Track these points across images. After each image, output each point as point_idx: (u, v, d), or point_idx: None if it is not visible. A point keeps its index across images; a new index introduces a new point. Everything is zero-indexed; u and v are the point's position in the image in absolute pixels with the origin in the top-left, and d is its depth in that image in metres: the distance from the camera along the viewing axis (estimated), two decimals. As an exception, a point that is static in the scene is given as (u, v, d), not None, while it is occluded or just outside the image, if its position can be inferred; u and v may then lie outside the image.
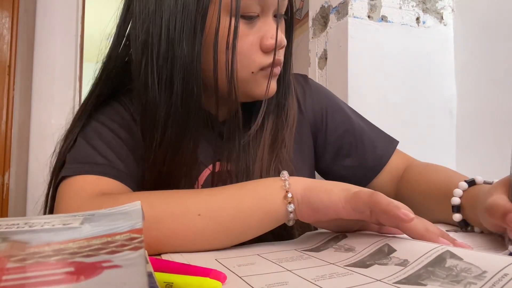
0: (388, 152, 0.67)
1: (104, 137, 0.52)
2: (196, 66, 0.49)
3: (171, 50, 0.48)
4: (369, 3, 1.25)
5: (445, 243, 0.35)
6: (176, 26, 0.48)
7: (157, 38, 0.48)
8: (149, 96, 0.49)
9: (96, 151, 0.51)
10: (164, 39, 0.48)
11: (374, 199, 0.37)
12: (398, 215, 0.35)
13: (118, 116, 0.55)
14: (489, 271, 0.26)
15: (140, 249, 0.19)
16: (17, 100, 1.37)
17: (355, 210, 0.39)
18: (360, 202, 0.38)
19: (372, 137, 0.68)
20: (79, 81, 1.60)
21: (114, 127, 0.54)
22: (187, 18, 0.48)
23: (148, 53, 0.49)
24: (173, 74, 0.49)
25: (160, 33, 0.48)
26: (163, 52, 0.48)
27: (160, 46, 0.48)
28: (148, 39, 0.49)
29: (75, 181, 0.48)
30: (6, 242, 0.20)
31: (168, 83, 0.49)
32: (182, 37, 0.48)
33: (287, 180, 0.44)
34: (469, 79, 1.32)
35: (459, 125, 1.35)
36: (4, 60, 1.33)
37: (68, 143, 0.54)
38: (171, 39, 0.48)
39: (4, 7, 1.34)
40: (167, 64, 0.49)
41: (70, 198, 0.46)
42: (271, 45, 0.51)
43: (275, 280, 0.31)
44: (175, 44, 0.48)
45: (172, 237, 0.41)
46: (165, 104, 0.49)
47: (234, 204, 0.43)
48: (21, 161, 1.45)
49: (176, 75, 0.49)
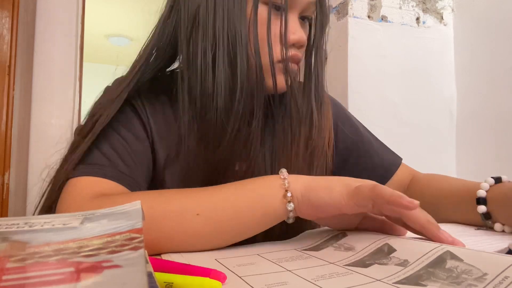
0: (395, 164, 0.69)
1: (109, 138, 0.53)
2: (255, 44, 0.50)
3: (228, 26, 0.50)
4: (369, 3, 1.25)
5: (444, 235, 0.35)
6: (230, 4, 0.50)
7: (211, 16, 0.50)
8: (207, 78, 0.50)
9: (100, 152, 0.51)
10: (219, 18, 0.50)
11: (376, 191, 0.37)
12: (402, 203, 0.35)
13: (127, 122, 0.55)
14: (490, 273, 0.26)
15: (140, 249, 0.19)
16: (17, 100, 1.37)
17: (358, 205, 0.39)
18: (363, 197, 0.38)
19: (379, 150, 0.70)
20: (79, 81, 1.60)
21: (120, 130, 0.54)
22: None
23: (204, 33, 0.50)
24: (236, 49, 0.50)
25: (214, 11, 0.50)
26: (220, 31, 0.50)
27: (215, 25, 0.50)
28: (200, 16, 0.50)
29: (77, 182, 0.48)
30: (6, 242, 0.20)
31: (232, 59, 0.50)
32: (239, 14, 0.50)
33: (286, 178, 0.44)
34: (469, 79, 1.32)
35: (459, 125, 1.35)
36: (4, 60, 1.33)
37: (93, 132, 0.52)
38: (228, 16, 0.50)
39: (4, 7, 1.34)
40: (228, 42, 0.50)
41: (71, 198, 0.46)
42: (291, 40, 0.52)
43: (275, 280, 0.31)
44: (233, 21, 0.50)
45: (172, 237, 0.41)
46: (229, 88, 0.50)
47: (233, 203, 0.43)
48: (21, 161, 1.45)
49: (239, 50, 0.50)
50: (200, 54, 0.51)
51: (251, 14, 0.51)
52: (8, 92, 1.34)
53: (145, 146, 0.55)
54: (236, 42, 0.50)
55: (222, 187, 0.45)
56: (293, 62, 0.54)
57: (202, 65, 0.51)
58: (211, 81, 0.50)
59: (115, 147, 0.52)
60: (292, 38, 0.53)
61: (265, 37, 0.51)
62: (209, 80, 0.50)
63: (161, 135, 0.56)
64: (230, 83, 0.50)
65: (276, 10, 0.52)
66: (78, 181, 0.48)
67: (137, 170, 0.52)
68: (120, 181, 0.49)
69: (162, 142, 0.56)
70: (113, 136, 0.53)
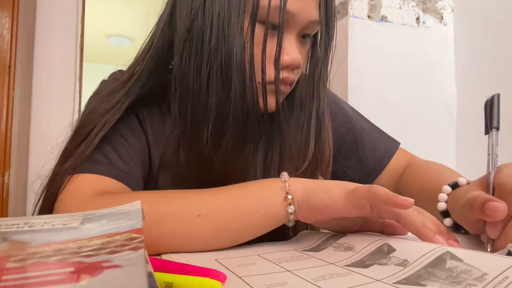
0: (389, 153, 0.68)
1: (107, 135, 0.52)
2: (250, 64, 0.47)
3: (223, 44, 0.47)
4: (369, 3, 1.25)
5: (439, 241, 0.35)
6: (226, 21, 0.47)
7: (207, 31, 0.47)
8: (200, 98, 0.48)
9: (98, 149, 0.51)
10: (214, 34, 0.47)
11: (372, 191, 0.37)
12: (397, 201, 0.35)
13: (124, 117, 0.54)
14: (490, 273, 0.26)
15: (140, 249, 0.19)
16: (17, 100, 1.37)
17: (356, 207, 0.39)
18: (359, 197, 0.39)
19: (373, 138, 0.68)
20: (79, 81, 1.60)
21: (117, 126, 0.53)
22: (234, 15, 0.47)
23: (199, 49, 0.47)
24: (231, 70, 0.47)
25: (211, 26, 0.47)
26: (214, 49, 0.47)
27: (210, 41, 0.47)
28: (195, 31, 0.48)
29: (75, 180, 0.48)
30: (6, 242, 0.20)
31: (225, 81, 0.47)
32: (235, 33, 0.47)
33: (287, 181, 0.44)
34: (469, 79, 1.32)
35: (459, 125, 1.35)
36: (4, 60, 1.33)
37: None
38: (224, 34, 0.47)
39: (4, 7, 1.34)
40: (222, 61, 0.47)
41: (70, 196, 0.46)
42: (284, 62, 0.49)
43: (275, 281, 0.31)
44: (228, 39, 0.47)
45: (172, 238, 0.41)
46: (221, 105, 0.47)
47: (234, 205, 0.43)
48: (21, 161, 1.45)
49: (234, 72, 0.47)
50: (192, 70, 0.48)
51: (247, 33, 0.48)
52: (8, 92, 1.34)
53: (142, 142, 0.55)
54: (230, 62, 0.47)
55: (223, 189, 0.45)
56: (285, 84, 0.52)
57: (195, 83, 0.48)
58: (204, 103, 0.48)
59: (113, 144, 0.51)
60: (285, 60, 0.49)
61: (259, 57, 0.48)
62: (202, 100, 0.48)
63: (155, 134, 0.56)
64: (223, 108, 0.48)
65: (273, 29, 0.49)
66: (76, 178, 0.48)
67: (135, 166, 0.52)
68: (119, 179, 0.49)
69: (156, 141, 0.56)
70: (111, 133, 0.52)
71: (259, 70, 0.48)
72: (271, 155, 0.54)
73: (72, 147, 0.50)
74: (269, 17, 0.47)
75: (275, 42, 0.49)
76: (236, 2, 0.47)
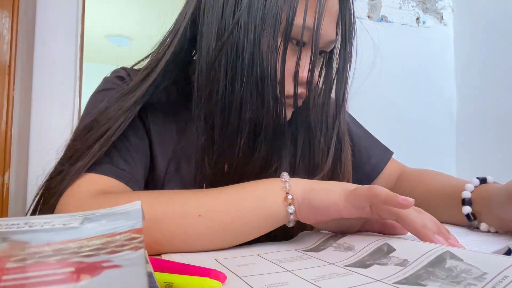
0: (383, 160, 0.70)
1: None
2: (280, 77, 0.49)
3: (259, 59, 0.48)
4: (369, 3, 1.25)
5: (439, 241, 0.36)
6: (260, 37, 0.48)
7: (241, 45, 0.48)
8: (232, 110, 0.49)
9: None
10: (249, 48, 0.47)
11: (372, 192, 0.38)
12: (398, 201, 0.36)
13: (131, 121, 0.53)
14: (490, 272, 0.26)
15: (140, 249, 0.19)
16: (17, 100, 1.37)
17: (356, 207, 0.39)
18: (359, 198, 0.39)
19: (368, 145, 0.70)
20: (79, 81, 1.60)
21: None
22: (269, 32, 0.48)
23: (231, 60, 0.48)
24: (265, 85, 0.48)
25: (245, 40, 0.47)
26: (249, 63, 0.48)
27: (245, 55, 0.47)
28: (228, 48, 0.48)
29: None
30: (6, 242, 0.20)
31: (259, 95, 0.49)
32: (271, 50, 0.48)
33: (288, 181, 0.44)
34: (469, 79, 1.32)
35: (459, 125, 1.35)
36: (4, 60, 1.33)
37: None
38: (260, 50, 0.48)
39: (4, 7, 1.34)
40: (257, 76, 0.48)
41: (70, 195, 0.46)
42: (301, 78, 0.51)
43: (275, 281, 0.31)
44: (264, 55, 0.48)
45: (172, 238, 0.41)
46: (255, 118, 0.49)
47: (235, 205, 0.43)
48: (21, 161, 1.45)
49: (266, 87, 0.48)
50: (222, 80, 0.48)
51: (280, 49, 0.48)
52: (8, 92, 1.34)
53: (144, 142, 0.55)
54: (264, 77, 0.48)
55: (224, 189, 0.45)
56: (301, 99, 0.54)
57: (225, 94, 0.49)
58: (237, 116, 0.49)
59: (114, 143, 0.51)
60: (302, 76, 0.51)
61: (291, 73, 0.50)
62: (235, 113, 0.49)
63: (160, 140, 0.56)
64: (255, 121, 0.49)
65: (296, 45, 0.50)
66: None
67: (136, 166, 0.52)
68: (119, 178, 0.49)
69: (161, 148, 0.56)
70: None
71: (290, 86, 0.50)
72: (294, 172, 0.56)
73: (84, 146, 0.49)
74: (302, 37, 0.49)
75: (295, 59, 0.50)
76: (271, 19, 0.47)
